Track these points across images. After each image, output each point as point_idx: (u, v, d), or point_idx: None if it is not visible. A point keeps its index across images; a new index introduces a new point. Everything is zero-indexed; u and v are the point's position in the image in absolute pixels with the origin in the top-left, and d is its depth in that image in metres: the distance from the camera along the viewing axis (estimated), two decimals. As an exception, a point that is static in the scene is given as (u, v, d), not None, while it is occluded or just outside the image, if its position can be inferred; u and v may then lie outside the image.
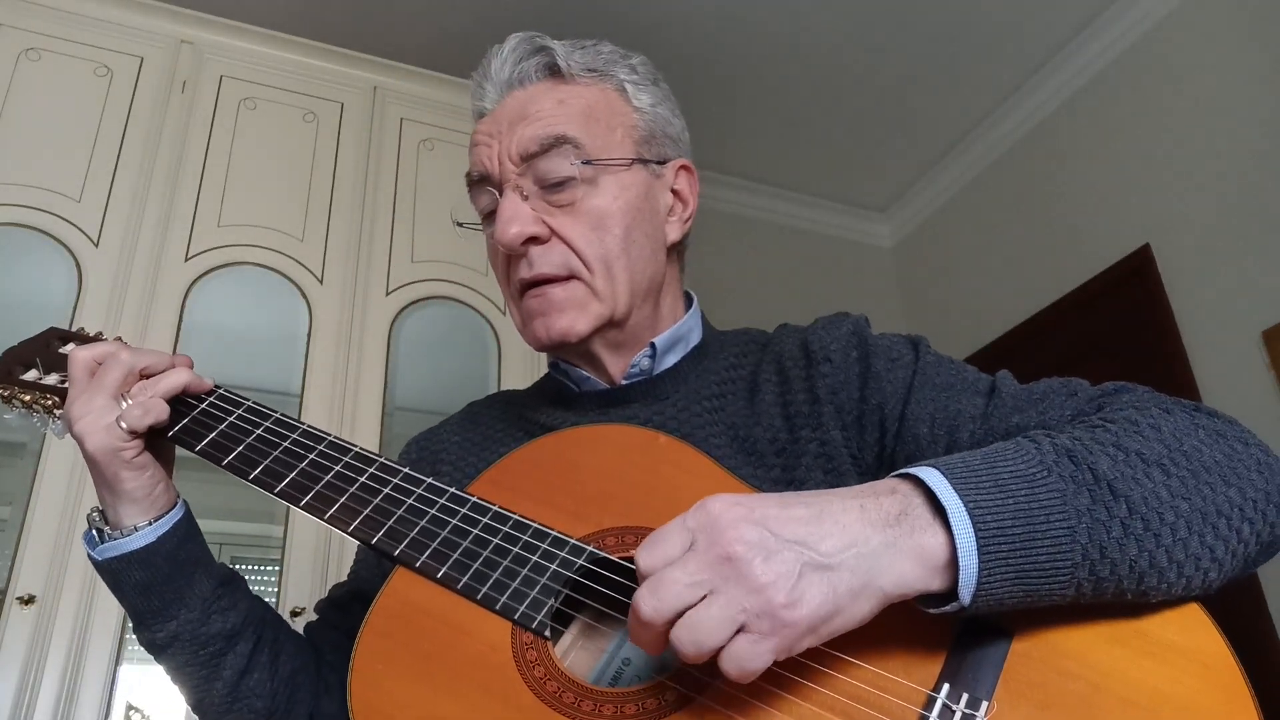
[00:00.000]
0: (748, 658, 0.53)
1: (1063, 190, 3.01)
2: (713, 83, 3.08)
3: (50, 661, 1.77)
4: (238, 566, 2.29)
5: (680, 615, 0.53)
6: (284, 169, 2.40)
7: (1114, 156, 2.84)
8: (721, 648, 0.53)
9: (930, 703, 0.56)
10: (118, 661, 1.82)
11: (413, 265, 2.41)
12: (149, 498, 0.79)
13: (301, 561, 2.02)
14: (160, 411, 0.78)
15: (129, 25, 2.37)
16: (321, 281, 2.31)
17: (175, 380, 0.81)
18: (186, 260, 2.21)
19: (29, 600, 1.79)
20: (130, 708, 1.81)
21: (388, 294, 2.36)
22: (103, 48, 2.33)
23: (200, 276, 2.21)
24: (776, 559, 0.53)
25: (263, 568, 2.30)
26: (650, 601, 0.54)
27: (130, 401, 0.78)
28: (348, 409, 2.19)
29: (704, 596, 0.53)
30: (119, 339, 0.92)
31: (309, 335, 2.25)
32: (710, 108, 3.19)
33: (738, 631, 0.53)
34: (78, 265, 2.10)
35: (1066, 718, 0.55)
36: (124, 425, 0.76)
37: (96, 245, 2.13)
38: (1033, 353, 2.98)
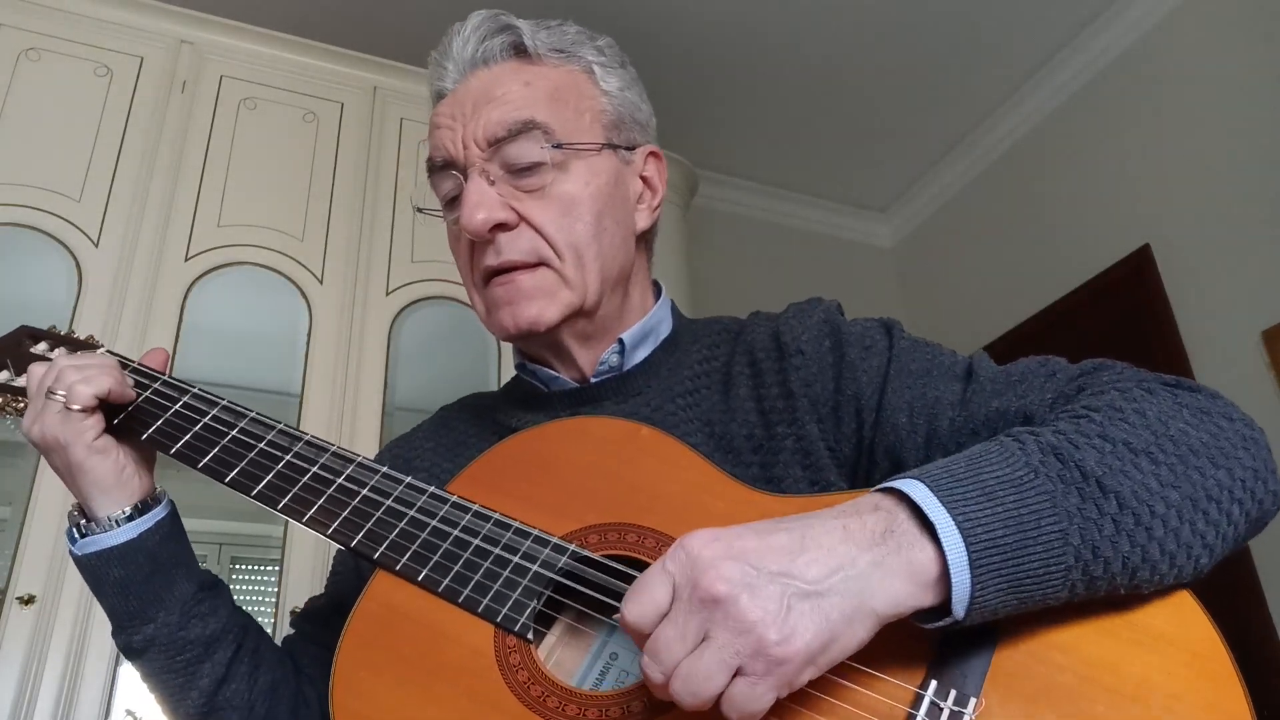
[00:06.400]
0: (746, 702, 0.51)
1: (1063, 190, 3.01)
2: (713, 83, 3.08)
3: (50, 662, 1.77)
4: (237, 566, 2.31)
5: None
6: (284, 169, 2.39)
7: (1114, 156, 2.84)
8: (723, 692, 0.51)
9: (918, 701, 0.55)
10: (118, 662, 1.82)
11: (413, 265, 2.41)
12: (119, 483, 0.77)
13: (301, 561, 2.02)
14: (102, 381, 0.76)
15: (129, 25, 2.37)
16: (321, 281, 2.31)
17: (109, 378, 0.78)
18: (186, 260, 2.21)
19: (29, 600, 1.79)
20: (129, 713, 1.81)
21: (388, 294, 2.36)
22: (103, 48, 2.33)
23: (200, 276, 2.21)
24: (762, 594, 0.51)
25: (263, 568, 2.29)
26: (655, 671, 0.52)
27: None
28: (348, 409, 2.18)
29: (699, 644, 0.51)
30: (91, 337, 0.91)
31: (309, 335, 2.25)
32: (710, 108, 3.19)
33: (736, 674, 0.51)
34: (78, 265, 2.10)
35: (1056, 711, 0.54)
36: (74, 407, 0.75)
37: (96, 245, 2.13)
38: (1032, 353, 2.97)
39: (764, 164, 3.49)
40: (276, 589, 2.02)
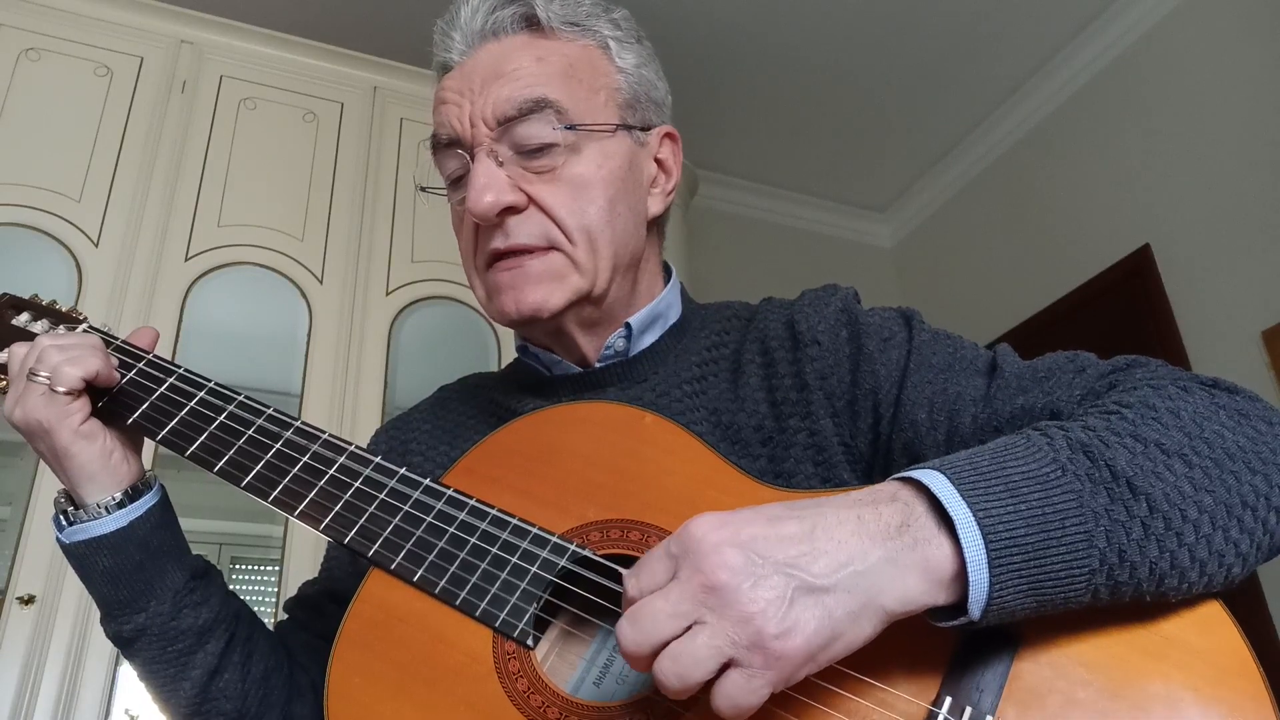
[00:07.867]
0: (740, 694, 0.49)
1: (1063, 190, 3.01)
2: (713, 83, 3.08)
3: (50, 661, 1.77)
4: (237, 566, 2.31)
5: (664, 647, 0.50)
6: (284, 169, 2.40)
7: (1114, 156, 2.84)
8: (710, 682, 0.49)
9: (930, 719, 0.53)
10: (118, 662, 1.82)
11: (413, 265, 2.41)
12: (107, 469, 0.74)
13: (301, 561, 2.02)
14: (89, 362, 0.73)
15: (129, 25, 2.37)
16: (321, 281, 2.31)
17: (96, 359, 0.75)
18: (186, 260, 2.21)
19: (29, 600, 1.79)
20: (128, 714, 1.81)
21: (388, 294, 2.36)
22: (103, 48, 2.33)
23: (200, 276, 2.21)
24: (765, 584, 0.49)
25: (263, 568, 2.30)
26: (630, 633, 0.50)
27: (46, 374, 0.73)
28: (348, 409, 2.19)
29: (689, 627, 0.49)
30: (74, 310, 0.87)
31: (309, 335, 2.25)
32: (711, 108, 3.19)
33: (727, 666, 0.49)
34: (78, 265, 2.10)
35: None
36: (59, 389, 0.71)
37: (96, 245, 2.13)
38: (1032, 353, 2.97)
39: (764, 164, 3.49)
40: (276, 589, 2.03)
